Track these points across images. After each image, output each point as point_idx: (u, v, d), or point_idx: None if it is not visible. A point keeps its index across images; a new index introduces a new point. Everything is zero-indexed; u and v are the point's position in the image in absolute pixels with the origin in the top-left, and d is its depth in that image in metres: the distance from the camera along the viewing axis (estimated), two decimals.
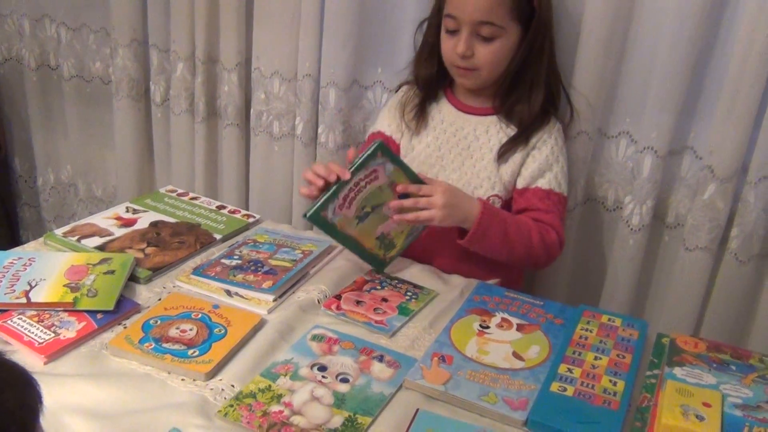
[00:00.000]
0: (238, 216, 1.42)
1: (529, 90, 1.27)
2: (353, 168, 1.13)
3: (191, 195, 1.49)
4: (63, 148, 2.14)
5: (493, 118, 1.31)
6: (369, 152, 1.14)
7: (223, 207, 1.45)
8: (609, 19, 1.29)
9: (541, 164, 1.28)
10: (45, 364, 0.93)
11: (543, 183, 1.29)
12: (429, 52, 1.33)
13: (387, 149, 1.16)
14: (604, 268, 1.47)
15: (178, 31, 1.73)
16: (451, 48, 1.25)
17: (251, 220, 1.40)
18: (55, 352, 0.95)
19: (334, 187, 1.13)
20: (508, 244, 1.23)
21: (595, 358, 1.00)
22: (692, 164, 1.33)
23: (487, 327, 1.08)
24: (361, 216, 1.18)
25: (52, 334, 0.98)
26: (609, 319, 1.11)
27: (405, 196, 1.17)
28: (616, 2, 1.28)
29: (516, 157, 1.29)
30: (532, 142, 1.28)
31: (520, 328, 1.09)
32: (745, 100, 1.19)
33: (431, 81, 1.35)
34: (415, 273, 1.26)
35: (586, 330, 1.08)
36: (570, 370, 0.97)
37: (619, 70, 1.35)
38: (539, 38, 1.23)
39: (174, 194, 1.49)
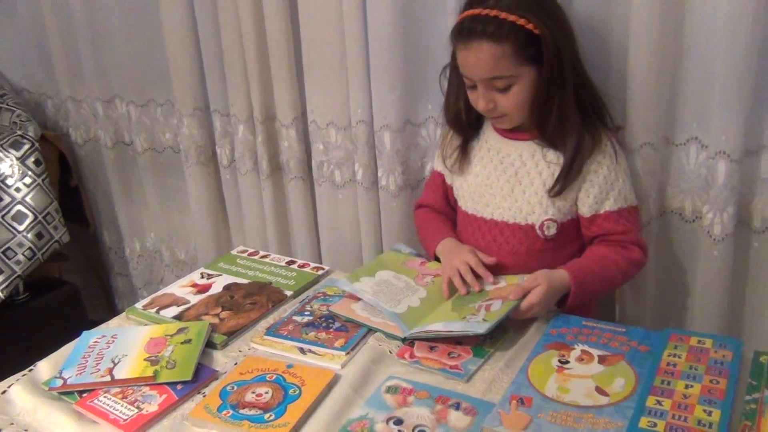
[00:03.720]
0: (307, 270, 1.43)
1: (560, 118, 1.23)
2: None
3: (261, 253, 1.52)
4: (145, 218, 2.24)
5: (535, 144, 1.28)
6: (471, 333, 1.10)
7: (293, 262, 1.47)
8: (658, 18, 1.23)
9: (602, 187, 1.24)
10: None
11: (610, 205, 1.24)
12: (455, 95, 1.33)
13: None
14: (689, 284, 1.39)
15: (236, 94, 1.79)
16: (474, 102, 1.26)
17: (320, 272, 1.41)
18: (139, 428, 0.98)
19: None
20: (607, 285, 1.28)
21: (686, 387, 0.94)
22: None
23: (567, 362, 1.04)
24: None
25: (136, 410, 1.01)
26: (699, 341, 1.04)
27: None
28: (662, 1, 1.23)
29: (572, 185, 1.25)
30: (585, 169, 1.24)
31: (602, 359, 1.04)
32: None
33: (463, 122, 1.34)
34: None
35: (674, 356, 1.01)
36: (659, 402, 0.91)
37: (678, 73, 1.28)
38: (555, 70, 1.19)
39: (245, 254, 1.52)
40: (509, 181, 1.30)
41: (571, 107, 1.23)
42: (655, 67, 1.27)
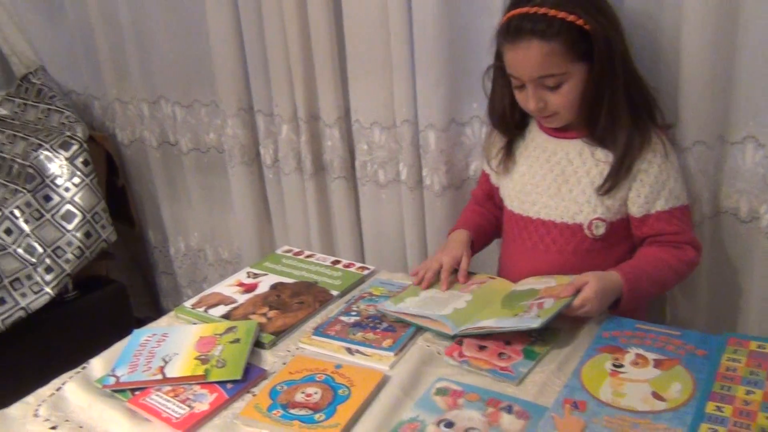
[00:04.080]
0: (353, 269, 1.43)
1: (610, 116, 1.20)
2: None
3: (307, 253, 1.52)
4: (189, 217, 2.26)
5: (584, 142, 1.26)
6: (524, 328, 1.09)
7: (338, 261, 1.47)
8: (713, 9, 1.20)
9: (653, 186, 1.21)
10: None
11: (662, 205, 1.21)
12: (500, 95, 1.31)
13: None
14: (744, 286, 1.35)
15: (279, 94, 1.79)
16: (523, 102, 1.24)
17: (366, 272, 1.41)
18: (191, 426, 0.98)
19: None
20: (660, 287, 1.27)
21: (747, 393, 0.91)
22: None
23: (621, 366, 1.02)
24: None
25: (187, 408, 1.02)
26: (759, 346, 1.01)
27: None
28: None
29: (622, 184, 1.23)
30: (635, 167, 1.21)
31: (657, 364, 1.01)
32: None
33: (507, 122, 1.33)
34: None
35: (734, 360, 0.98)
36: (719, 409, 0.89)
37: (733, 67, 1.24)
38: (606, 66, 1.17)
39: (290, 254, 1.53)
40: (556, 180, 1.28)
41: (621, 104, 1.20)
42: (709, 61, 1.24)
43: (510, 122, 1.33)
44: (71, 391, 1.10)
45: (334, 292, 1.34)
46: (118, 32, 2.08)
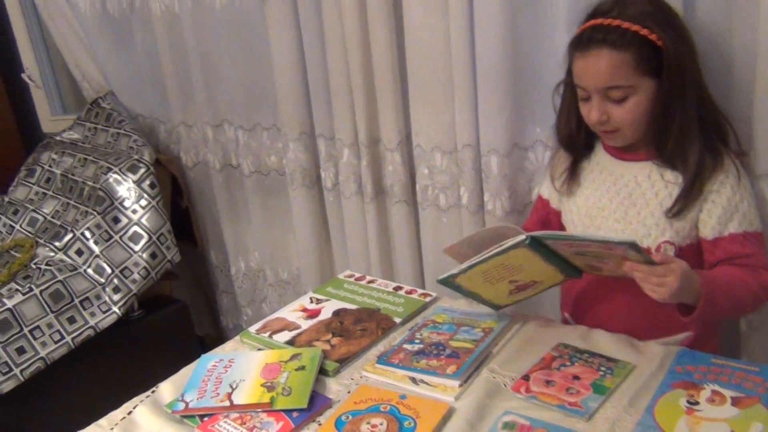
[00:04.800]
0: (415, 296, 1.42)
1: (680, 136, 1.17)
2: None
3: (368, 278, 1.53)
4: (250, 238, 2.30)
5: (652, 164, 1.23)
6: (617, 241, 1.07)
7: (400, 288, 1.47)
8: None
9: (726, 208, 1.17)
10: None
11: (735, 227, 1.17)
12: (567, 113, 1.29)
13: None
14: None
15: (341, 119, 1.81)
16: (587, 115, 1.21)
17: (428, 299, 1.41)
18: None
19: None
20: (735, 306, 1.17)
21: None
22: None
23: (697, 403, 0.98)
24: (580, 253, 1.14)
25: None
26: None
27: None
28: None
29: (692, 206, 1.19)
30: (706, 189, 1.17)
31: (735, 402, 0.97)
32: None
33: (574, 141, 1.30)
34: (606, 343, 1.19)
35: None
36: None
37: None
38: (676, 84, 1.14)
39: (352, 279, 1.53)
40: (623, 203, 1.25)
41: (692, 124, 1.17)
42: None
43: (576, 140, 1.31)
44: (142, 414, 1.13)
45: (397, 319, 1.34)
46: (184, 58, 2.14)
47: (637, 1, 1.16)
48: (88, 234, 2.03)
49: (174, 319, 2.23)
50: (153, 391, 1.20)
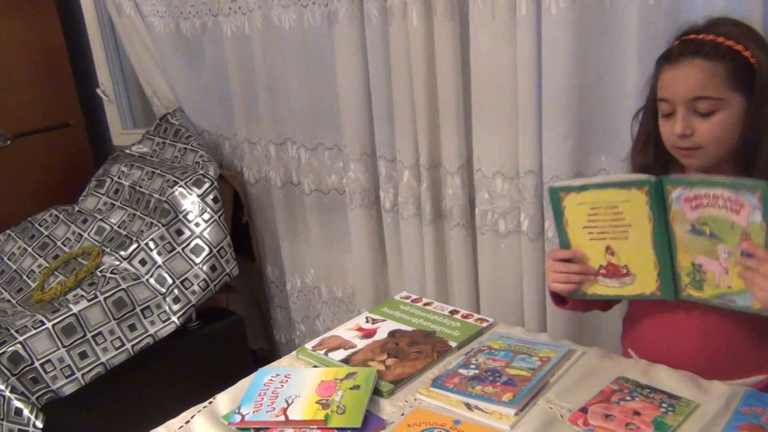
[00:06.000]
0: (471, 321, 1.41)
1: None
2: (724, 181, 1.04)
3: (425, 301, 1.52)
4: (307, 255, 2.33)
5: None
6: (750, 183, 1.02)
7: (456, 311, 1.46)
8: None
9: None
10: None
11: None
12: (645, 141, 1.25)
13: None
14: None
15: (403, 141, 1.83)
16: (669, 130, 1.16)
17: (485, 324, 1.39)
18: None
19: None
20: None
21: None
22: None
23: None
24: (697, 230, 1.09)
25: None
26: None
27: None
28: None
29: None
30: None
31: None
32: None
33: (650, 169, 1.26)
34: (669, 379, 1.15)
35: None
36: None
37: None
38: (767, 105, 1.10)
39: (408, 300, 1.53)
40: None
41: None
42: None
43: (653, 169, 1.27)
44: (199, 424, 1.15)
45: (453, 343, 1.33)
46: (252, 78, 2.20)
47: (729, 22, 1.14)
48: (152, 245, 2.09)
49: (229, 331, 2.27)
50: (210, 402, 1.22)
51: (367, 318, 1.47)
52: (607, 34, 1.42)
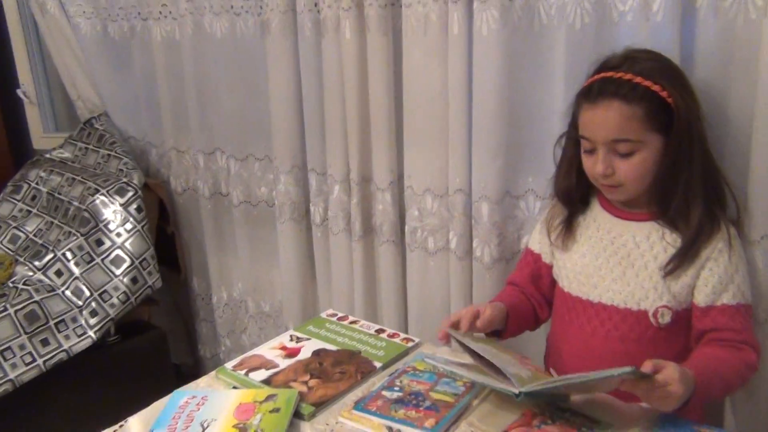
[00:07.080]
0: (397, 340, 1.40)
1: (685, 196, 1.16)
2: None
3: (351, 319, 1.50)
4: (234, 268, 2.27)
5: (653, 224, 1.21)
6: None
7: (383, 330, 1.44)
8: None
9: (722, 277, 1.16)
10: None
11: (728, 298, 1.16)
12: (568, 166, 1.28)
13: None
14: None
15: (334, 155, 1.81)
16: (591, 166, 1.20)
17: (410, 344, 1.38)
18: None
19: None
20: (725, 390, 1.20)
21: None
22: None
23: None
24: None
25: None
26: None
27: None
28: None
29: (689, 271, 1.17)
30: (704, 254, 1.16)
31: None
32: None
33: (572, 194, 1.29)
34: (587, 402, 1.16)
35: None
36: None
37: None
38: (684, 143, 1.14)
39: (335, 318, 1.50)
40: (621, 263, 1.23)
41: (698, 185, 1.16)
42: None
43: (574, 194, 1.29)
44: None
45: (377, 364, 1.30)
46: (181, 85, 2.13)
47: (646, 57, 1.17)
48: (69, 255, 2.00)
49: (150, 346, 2.18)
50: (121, 426, 1.16)
51: (291, 336, 1.43)
52: (536, 57, 1.44)
